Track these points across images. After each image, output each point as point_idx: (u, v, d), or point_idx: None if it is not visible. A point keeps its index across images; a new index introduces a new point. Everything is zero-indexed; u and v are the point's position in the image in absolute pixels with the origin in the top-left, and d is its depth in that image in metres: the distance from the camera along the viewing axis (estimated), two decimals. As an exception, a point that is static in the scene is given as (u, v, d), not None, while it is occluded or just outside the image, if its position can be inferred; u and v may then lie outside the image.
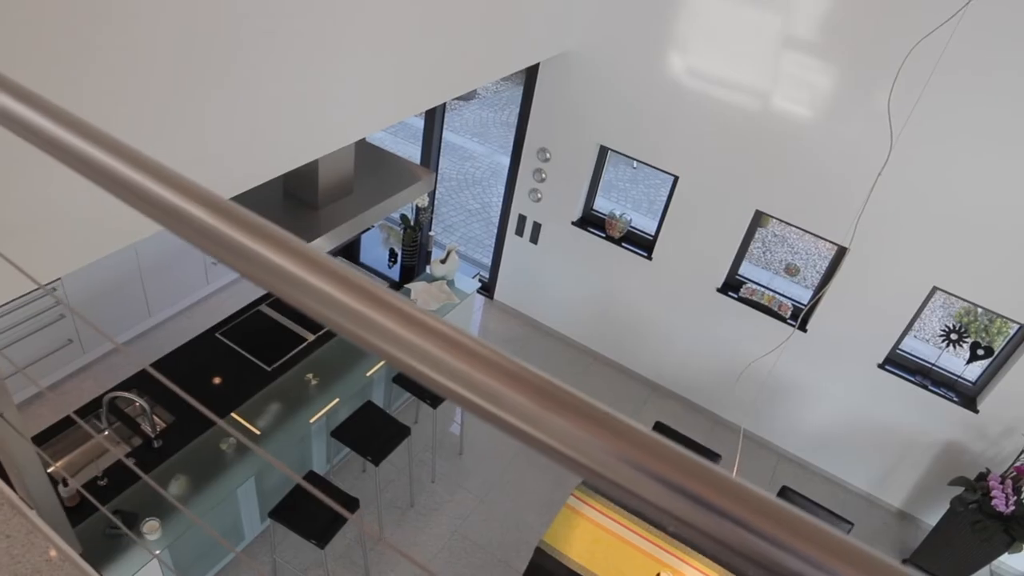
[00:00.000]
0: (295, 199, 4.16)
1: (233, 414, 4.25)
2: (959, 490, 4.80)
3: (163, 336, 5.54)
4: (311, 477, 4.18)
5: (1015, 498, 4.46)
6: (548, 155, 5.69)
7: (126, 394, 3.91)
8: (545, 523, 4.70)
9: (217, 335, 4.72)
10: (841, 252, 4.85)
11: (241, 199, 3.03)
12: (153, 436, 3.98)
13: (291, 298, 0.48)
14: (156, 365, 4.41)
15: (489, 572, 4.61)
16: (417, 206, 5.45)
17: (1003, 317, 4.58)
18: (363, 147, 4.63)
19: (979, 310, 4.73)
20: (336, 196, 4.22)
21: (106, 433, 4.09)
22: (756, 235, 5.35)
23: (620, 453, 0.37)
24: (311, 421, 4.36)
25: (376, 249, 5.81)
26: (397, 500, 4.92)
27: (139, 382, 4.27)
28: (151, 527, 3.41)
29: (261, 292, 5.11)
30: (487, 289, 6.76)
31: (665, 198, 5.42)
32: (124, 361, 5.26)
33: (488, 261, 6.75)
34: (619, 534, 4.07)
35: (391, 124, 3.85)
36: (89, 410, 4.10)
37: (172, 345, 4.64)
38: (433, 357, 0.43)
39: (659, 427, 4.58)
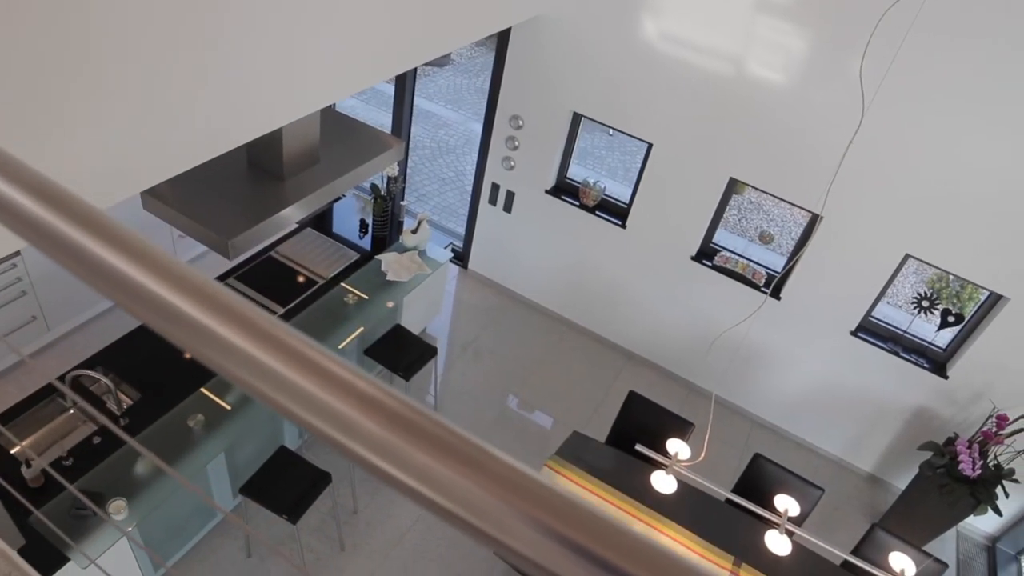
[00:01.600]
0: (259, 169, 4.05)
1: (202, 389, 4.19)
2: (928, 455, 4.87)
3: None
4: (282, 452, 4.14)
5: (981, 462, 4.53)
6: (521, 123, 5.59)
7: (90, 372, 3.83)
8: (520, 493, 4.71)
9: (184, 310, 4.62)
10: (814, 219, 4.83)
11: (203, 169, 2.92)
12: (119, 414, 3.91)
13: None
14: (121, 342, 4.32)
15: (464, 542, 4.61)
16: (387, 176, 5.35)
17: (974, 284, 4.60)
18: (329, 115, 4.51)
19: (951, 277, 4.75)
20: (302, 166, 4.11)
21: (71, 412, 4.01)
22: (732, 202, 5.32)
23: (483, 493, 0.32)
24: (282, 396, 4.30)
25: (350, 219, 5.71)
26: (371, 473, 4.89)
27: (104, 359, 4.18)
28: (117, 507, 3.36)
29: (229, 265, 5.01)
30: (461, 259, 6.70)
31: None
32: (90, 338, 5.16)
33: (462, 230, 6.67)
34: (592, 504, 4.07)
35: (358, 91, 3.75)
36: (53, 389, 4.02)
37: (140, 321, 4.54)
38: (270, 370, 0.38)
39: (632, 396, 4.58)
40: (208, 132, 2.73)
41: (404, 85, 6.08)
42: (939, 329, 4.88)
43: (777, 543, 3.55)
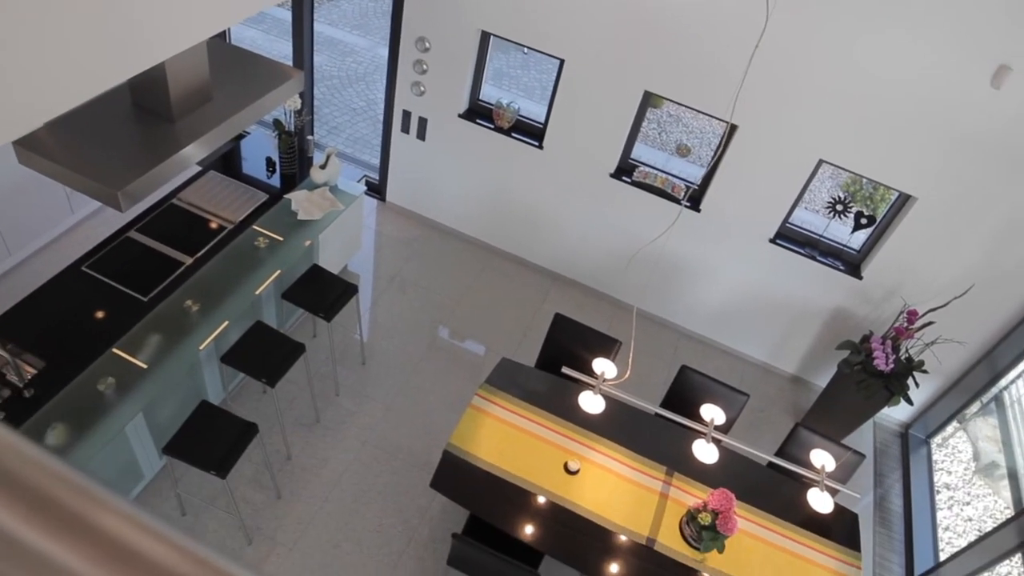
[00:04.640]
0: (146, 111, 3.76)
1: (114, 349, 3.98)
2: (845, 353, 5.05)
3: (29, 276, 5.07)
4: (204, 407, 4.00)
5: (894, 357, 4.72)
6: (428, 45, 5.34)
7: (-18, 343, 3.58)
8: (455, 424, 4.70)
9: (84, 268, 4.35)
10: (730, 129, 4.81)
11: (83, 115, 2.66)
12: (22, 385, 3.68)
13: None
14: (16, 310, 4.05)
15: (402, 478, 4.61)
16: (291, 109, 5.06)
17: (885, 186, 4.69)
18: (218, 47, 4.19)
19: (864, 180, 4.83)
20: (193, 105, 3.83)
21: (-32, 385, 3.76)
22: (650, 116, 5.25)
23: None
24: (200, 348, 4.14)
25: (259, 158, 5.42)
26: (303, 417, 4.81)
27: (-2, 329, 3.92)
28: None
29: (127, 217, 4.70)
30: (378, 191, 6.49)
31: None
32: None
33: (378, 162, 6.44)
34: (525, 428, 4.10)
35: (243, 19, 3.48)
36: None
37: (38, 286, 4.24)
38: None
39: (559, 319, 4.57)
40: (77, 72, 2.48)
41: (302, 9, 5.71)
42: (853, 231, 4.99)
43: (704, 452, 3.64)
